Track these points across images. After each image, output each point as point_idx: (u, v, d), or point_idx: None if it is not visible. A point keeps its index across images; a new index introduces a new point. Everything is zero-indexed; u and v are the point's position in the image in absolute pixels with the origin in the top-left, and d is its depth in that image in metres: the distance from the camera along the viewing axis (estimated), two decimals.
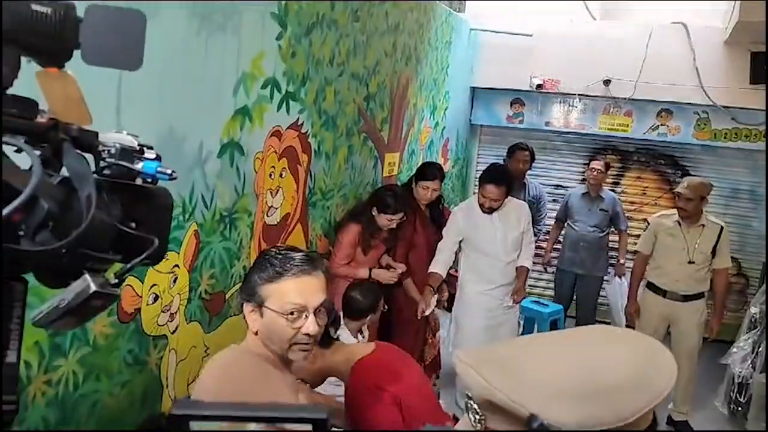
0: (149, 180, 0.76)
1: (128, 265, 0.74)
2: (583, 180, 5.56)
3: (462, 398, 0.77)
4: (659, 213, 4.29)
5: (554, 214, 5.56)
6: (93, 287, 0.68)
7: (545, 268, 5.72)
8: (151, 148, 0.76)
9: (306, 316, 1.44)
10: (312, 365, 1.92)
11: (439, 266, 3.71)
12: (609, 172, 5.44)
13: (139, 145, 0.76)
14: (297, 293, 1.43)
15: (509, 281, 3.79)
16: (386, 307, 3.09)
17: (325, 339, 1.91)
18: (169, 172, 0.75)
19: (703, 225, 3.93)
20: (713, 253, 3.92)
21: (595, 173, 5.12)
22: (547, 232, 5.75)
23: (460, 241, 3.81)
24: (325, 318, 1.50)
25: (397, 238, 3.66)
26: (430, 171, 3.82)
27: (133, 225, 0.75)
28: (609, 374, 0.68)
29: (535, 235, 5.00)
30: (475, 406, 0.72)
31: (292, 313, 1.42)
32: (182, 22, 2.09)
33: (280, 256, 1.46)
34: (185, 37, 2.11)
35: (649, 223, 4.26)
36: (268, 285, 1.44)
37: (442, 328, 4.21)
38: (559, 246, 5.48)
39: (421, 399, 1.97)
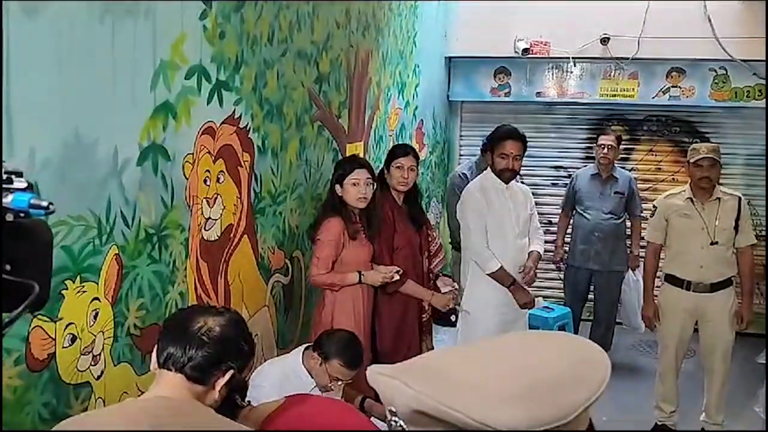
0: (21, 215, 0.77)
1: (6, 320, 0.75)
2: (587, 158, 5.63)
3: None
4: (666, 193, 4.37)
5: (552, 201, 5.62)
6: None
7: (558, 267, 5.77)
8: (20, 175, 0.78)
9: None
10: None
11: (495, 261, 3.91)
12: None
13: (5, 173, 0.77)
14: None
15: (518, 271, 4.00)
16: None
17: (229, 410, 2.00)
18: (44, 204, 0.77)
19: (719, 198, 4.04)
20: (735, 229, 4.03)
21: (605, 150, 5.18)
22: (549, 222, 5.79)
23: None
24: None
25: (372, 223, 3.60)
26: (400, 148, 3.90)
27: (8, 268, 0.76)
28: (544, 372, 0.77)
29: None
30: (401, 422, 0.76)
31: None
32: (81, 6, 2.09)
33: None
34: (86, 23, 2.12)
35: (656, 207, 4.33)
36: None
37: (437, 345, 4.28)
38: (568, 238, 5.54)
39: None
